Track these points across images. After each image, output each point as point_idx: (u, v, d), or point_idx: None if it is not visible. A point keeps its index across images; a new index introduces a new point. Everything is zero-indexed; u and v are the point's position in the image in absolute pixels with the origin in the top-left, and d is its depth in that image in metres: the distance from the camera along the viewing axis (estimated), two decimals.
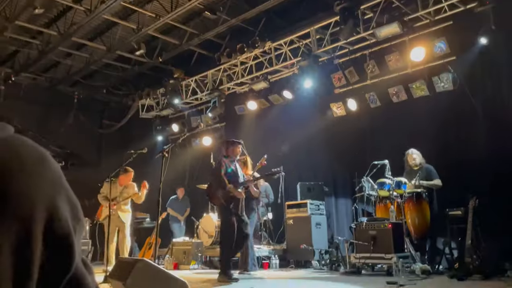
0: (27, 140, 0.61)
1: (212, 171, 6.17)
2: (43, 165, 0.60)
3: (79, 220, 0.64)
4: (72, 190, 0.67)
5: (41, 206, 0.56)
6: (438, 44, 6.68)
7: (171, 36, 9.25)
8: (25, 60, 10.25)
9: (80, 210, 0.65)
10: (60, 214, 0.59)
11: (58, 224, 0.58)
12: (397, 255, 5.83)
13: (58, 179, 0.61)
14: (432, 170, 6.61)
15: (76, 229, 0.62)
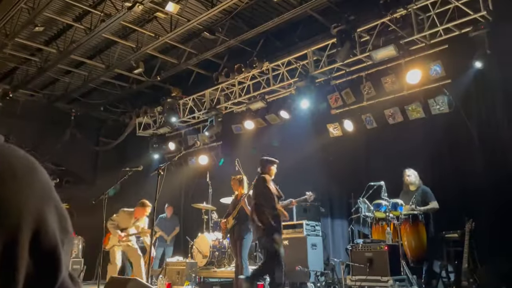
0: (17, 149, 0.61)
1: (259, 190, 5.74)
2: (32, 175, 0.59)
3: (67, 232, 0.63)
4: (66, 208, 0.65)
5: (29, 217, 0.55)
6: (433, 67, 6.76)
7: (170, 55, 9.34)
8: (23, 76, 10.30)
9: (69, 222, 0.64)
10: (48, 226, 0.58)
11: (45, 236, 0.57)
12: (393, 278, 5.77)
13: (48, 190, 0.61)
14: (428, 191, 6.59)
15: (64, 242, 0.61)
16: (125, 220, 7.31)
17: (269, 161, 6.04)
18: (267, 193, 5.70)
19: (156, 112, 10.52)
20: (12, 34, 8.04)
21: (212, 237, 8.22)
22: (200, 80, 10.16)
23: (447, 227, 6.13)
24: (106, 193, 5.38)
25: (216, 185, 9.07)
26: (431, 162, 7.10)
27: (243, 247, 6.34)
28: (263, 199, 5.72)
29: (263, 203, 5.70)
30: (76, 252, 10.35)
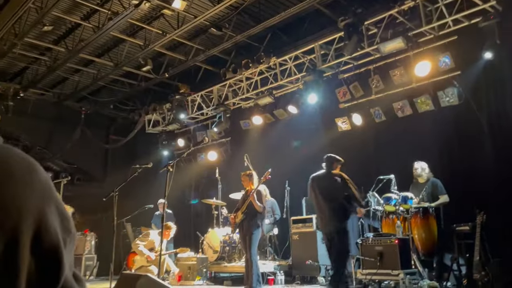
0: (16, 150, 0.61)
1: (340, 188, 5.65)
2: (32, 175, 0.60)
3: (70, 232, 0.63)
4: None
5: (29, 217, 0.56)
6: (442, 59, 6.69)
7: (177, 52, 9.36)
8: (33, 76, 10.40)
9: (71, 221, 0.65)
10: (49, 226, 0.58)
11: (46, 236, 0.58)
12: (404, 271, 5.75)
13: (48, 190, 0.61)
14: (438, 184, 6.54)
15: (67, 241, 0.62)
16: (150, 241, 7.63)
17: (336, 159, 5.94)
18: (343, 189, 5.63)
19: (165, 109, 10.57)
20: (21, 34, 8.12)
21: (222, 232, 8.26)
22: (208, 76, 10.18)
23: (458, 220, 6.08)
24: (116, 190, 5.42)
25: (226, 180, 9.10)
26: (441, 155, 7.04)
27: (252, 242, 6.35)
28: (340, 195, 5.64)
29: (339, 200, 5.62)
30: (89, 248, 10.48)
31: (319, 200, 5.78)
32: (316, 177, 5.95)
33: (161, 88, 10.98)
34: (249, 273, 6.34)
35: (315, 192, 5.85)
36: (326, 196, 5.71)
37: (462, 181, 6.55)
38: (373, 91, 7.72)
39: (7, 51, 8.71)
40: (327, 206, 5.67)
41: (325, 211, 5.68)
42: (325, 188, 5.75)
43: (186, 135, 10.86)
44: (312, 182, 5.96)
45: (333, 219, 5.61)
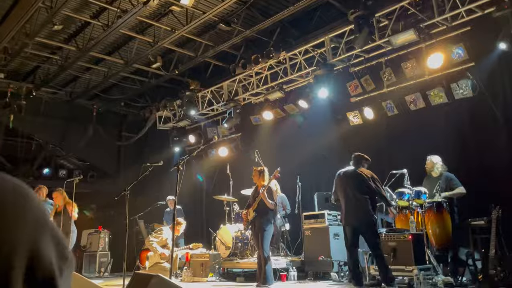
0: (7, 178, 0.59)
1: (369, 185, 5.70)
2: (24, 207, 0.57)
3: (66, 259, 0.61)
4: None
5: (22, 252, 0.54)
6: (456, 50, 6.55)
7: (187, 49, 9.35)
8: (45, 75, 10.50)
9: (67, 247, 0.63)
10: (43, 256, 0.56)
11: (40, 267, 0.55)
12: (418, 267, 5.68)
13: (42, 219, 0.59)
14: (452, 178, 6.44)
15: (63, 268, 0.60)
16: (164, 238, 7.75)
17: (365, 158, 5.99)
18: (373, 187, 5.68)
19: (175, 105, 10.60)
20: (32, 33, 8.18)
21: (234, 228, 8.26)
22: (217, 72, 10.15)
23: (473, 214, 5.98)
24: (127, 188, 5.45)
25: (237, 176, 9.10)
26: (456, 148, 6.92)
27: (264, 239, 6.34)
28: (369, 192, 5.69)
29: (370, 196, 5.67)
30: (102, 245, 10.59)
31: (348, 194, 5.75)
32: (345, 173, 5.95)
33: (171, 85, 11.00)
34: (261, 270, 6.34)
35: (344, 186, 5.83)
36: (356, 191, 5.71)
37: (477, 175, 6.43)
38: (384, 84, 7.61)
39: (19, 50, 8.80)
40: (356, 200, 5.68)
41: (354, 205, 5.68)
42: (356, 184, 5.76)
43: (197, 131, 10.88)
44: (341, 177, 5.94)
45: (363, 213, 5.63)
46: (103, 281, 8.17)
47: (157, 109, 10.71)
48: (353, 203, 5.70)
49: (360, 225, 5.66)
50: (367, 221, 5.62)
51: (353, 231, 5.71)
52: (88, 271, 10.12)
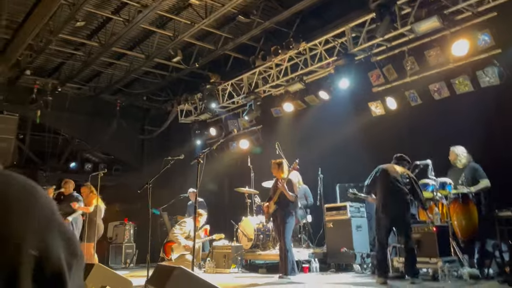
0: (15, 176, 0.60)
1: (408, 185, 5.89)
2: (31, 203, 0.58)
3: (76, 255, 0.62)
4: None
5: (29, 249, 0.55)
6: (481, 37, 6.35)
7: (207, 42, 9.37)
8: (69, 71, 10.72)
9: (77, 243, 0.64)
10: (51, 253, 0.57)
11: (48, 264, 0.56)
12: (443, 259, 5.59)
13: (50, 215, 0.60)
14: (478, 169, 6.28)
15: (72, 264, 0.61)
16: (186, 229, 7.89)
17: (407, 160, 6.16)
18: (410, 188, 5.83)
19: (196, 99, 10.66)
20: (55, 30, 8.35)
21: (256, 220, 8.30)
22: (237, 64, 10.15)
23: (500, 205, 5.82)
24: (150, 182, 5.53)
25: (258, 169, 9.11)
26: (482, 138, 6.72)
27: (286, 231, 6.35)
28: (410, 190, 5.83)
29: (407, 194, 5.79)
30: (128, 237, 10.83)
31: (391, 188, 5.80)
32: (388, 168, 6.00)
33: (192, 78, 11.06)
34: (283, 261, 6.36)
35: (387, 180, 5.86)
36: (400, 187, 5.77)
37: (504, 165, 6.25)
38: (407, 74, 7.44)
39: (43, 47, 9.00)
40: (398, 194, 5.74)
41: (396, 198, 5.74)
42: (397, 181, 5.82)
43: (218, 124, 10.93)
44: (384, 171, 5.97)
45: (403, 207, 5.71)
46: (129, 272, 8.35)
47: (178, 102, 10.80)
48: (395, 196, 5.75)
49: (397, 218, 5.68)
50: (405, 214, 5.67)
51: (389, 223, 5.73)
52: (115, 263, 10.37)
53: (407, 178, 5.88)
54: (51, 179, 11.15)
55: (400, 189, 5.75)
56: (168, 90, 12.19)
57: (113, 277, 4.48)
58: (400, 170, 5.95)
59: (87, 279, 4.15)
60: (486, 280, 5.37)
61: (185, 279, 3.50)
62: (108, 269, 4.65)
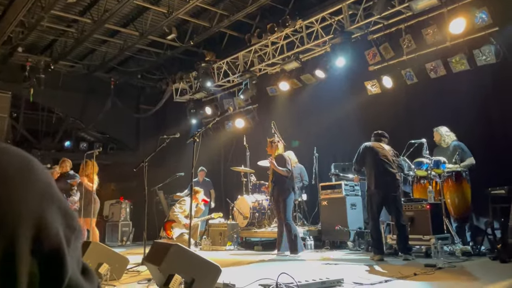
0: (11, 148, 0.58)
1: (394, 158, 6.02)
2: (29, 176, 0.57)
3: (74, 229, 0.62)
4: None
5: (27, 222, 0.54)
6: (479, 15, 6.29)
7: (202, 19, 9.23)
8: (62, 48, 10.55)
9: (75, 218, 0.63)
10: (50, 227, 0.56)
11: (47, 238, 0.56)
12: (435, 236, 5.68)
13: (48, 189, 0.59)
14: (463, 147, 6.35)
15: (71, 239, 0.60)
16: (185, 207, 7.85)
17: (385, 136, 6.20)
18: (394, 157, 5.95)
19: (191, 77, 10.57)
20: (47, 6, 8.18)
21: (251, 199, 8.36)
22: (233, 42, 10.03)
23: (495, 183, 5.89)
24: (146, 160, 5.53)
25: (253, 148, 9.12)
26: (478, 117, 6.75)
27: (286, 207, 6.38)
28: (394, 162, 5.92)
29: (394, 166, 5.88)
30: (124, 215, 10.88)
31: (379, 165, 5.85)
32: (372, 145, 6.06)
33: (187, 56, 10.94)
34: (281, 238, 6.44)
35: (374, 157, 5.92)
36: (387, 163, 5.84)
37: (500, 144, 6.30)
38: (404, 52, 7.40)
39: (35, 24, 8.83)
40: (387, 171, 5.80)
41: (385, 175, 5.79)
42: (386, 157, 5.90)
43: (213, 103, 10.87)
44: (369, 148, 6.03)
45: (393, 184, 5.78)
46: (126, 250, 8.43)
47: (173, 81, 10.71)
48: (384, 173, 5.80)
49: (388, 194, 5.75)
50: (395, 191, 5.75)
51: (381, 201, 5.80)
52: (111, 240, 10.45)
53: (395, 156, 5.98)
54: (46, 158, 11.12)
55: (388, 167, 5.81)
56: (163, 68, 12.06)
57: (110, 254, 4.52)
58: (387, 147, 6.03)
59: (84, 257, 4.18)
60: (478, 257, 5.47)
61: (181, 255, 3.54)
62: (104, 246, 4.69)
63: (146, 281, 4.21)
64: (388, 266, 5.05)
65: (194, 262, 3.51)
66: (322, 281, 3.79)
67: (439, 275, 4.32)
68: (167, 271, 3.32)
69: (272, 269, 4.80)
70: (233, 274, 4.46)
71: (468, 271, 4.55)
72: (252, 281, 3.93)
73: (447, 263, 4.90)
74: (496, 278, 3.98)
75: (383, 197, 5.79)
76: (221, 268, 3.61)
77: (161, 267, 3.39)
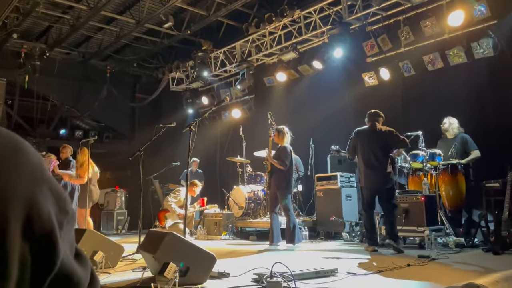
0: (0, 130, 0.57)
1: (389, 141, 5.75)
2: (18, 158, 0.55)
3: (67, 213, 0.60)
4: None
5: (18, 205, 0.53)
6: (478, 7, 6.27)
7: (199, 7, 9.14)
8: (57, 35, 10.44)
9: (68, 201, 0.62)
10: (41, 210, 0.55)
11: (38, 222, 0.55)
12: (429, 228, 5.71)
13: (39, 172, 0.57)
14: (468, 140, 6.37)
15: (64, 222, 0.59)
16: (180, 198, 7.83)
17: (380, 115, 5.92)
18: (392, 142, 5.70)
19: (188, 66, 10.50)
20: None
21: (247, 189, 8.37)
22: (230, 32, 9.96)
23: (489, 176, 5.93)
24: (141, 149, 5.50)
25: (250, 138, 9.11)
26: (474, 110, 6.76)
27: (284, 199, 6.35)
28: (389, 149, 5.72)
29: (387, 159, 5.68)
30: (119, 204, 10.87)
31: (367, 155, 5.73)
32: (363, 131, 5.89)
33: (184, 45, 10.86)
34: (272, 230, 6.43)
35: (363, 145, 5.79)
36: (376, 151, 5.70)
37: (495, 137, 6.33)
38: (402, 44, 7.38)
39: (30, 10, 8.72)
40: (376, 161, 5.67)
41: (374, 166, 5.67)
42: (375, 142, 5.73)
43: (210, 93, 10.83)
44: (358, 136, 5.89)
45: (383, 175, 5.63)
46: (121, 238, 8.43)
47: (170, 70, 10.63)
48: (372, 164, 5.70)
49: (378, 188, 5.69)
50: (386, 183, 5.66)
51: (372, 192, 5.75)
52: (106, 229, 10.46)
53: (387, 134, 5.70)
54: (41, 146, 11.07)
55: (379, 157, 5.66)
56: (160, 57, 11.97)
57: (105, 242, 4.53)
58: (378, 129, 5.77)
59: (79, 244, 4.18)
60: (471, 249, 5.52)
61: (176, 244, 3.55)
62: (99, 234, 4.69)
63: (141, 269, 4.21)
64: (381, 257, 5.08)
65: (189, 251, 3.52)
66: (316, 270, 3.81)
67: (432, 266, 4.35)
68: (162, 260, 3.33)
69: (267, 258, 4.82)
70: (228, 263, 4.48)
71: (461, 262, 4.59)
72: (246, 270, 3.94)
73: (440, 255, 4.94)
74: (488, 270, 4.02)
75: (373, 191, 5.74)
76: (216, 257, 3.63)
77: (156, 255, 3.40)
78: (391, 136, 5.72)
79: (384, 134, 5.74)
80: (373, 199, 5.81)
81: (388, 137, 5.74)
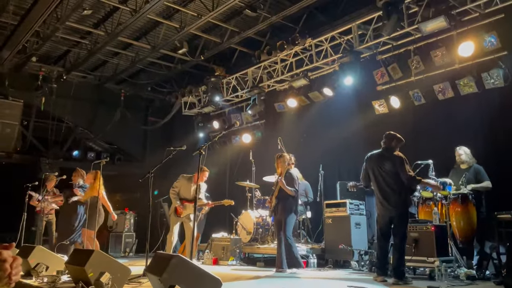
0: None
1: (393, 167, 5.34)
2: None
3: None
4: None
5: None
6: (488, 39, 6.33)
7: (213, 35, 9.38)
8: (75, 59, 10.75)
9: None
10: None
11: None
12: (440, 258, 5.60)
13: None
14: (481, 170, 6.30)
15: None
16: (184, 187, 7.32)
17: (398, 138, 5.54)
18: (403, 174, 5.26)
19: (200, 91, 10.68)
20: (62, 18, 8.37)
21: (255, 214, 8.34)
22: (243, 58, 10.16)
23: (502, 207, 5.84)
24: (151, 171, 5.56)
25: (259, 163, 9.13)
26: (484, 140, 6.73)
27: (287, 225, 6.36)
28: (399, 179, 5.31)
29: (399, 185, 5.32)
30: (128, 226, 10.89)
31: (380, 182, 5.46)
32: (373, 157, 5.59)
33: (197, 71, 11.09)
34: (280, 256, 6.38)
35: (374, 172, 5.52)
36: (386, 175, 5.42)
37: (506, 167, 6.26)
38: (412, 73, 7.44)
39: (50, 34, 9.03)
40: (390, 189, 5.38)
41: (389, 193, 5.39)
42: (385, 167, 5.43)
43: (221, 117, 10.95)
44: (370, 162, 5.60)
45: (398, 203, 5.34)
46: (128, 261, 8.41)
47: (183, 94, 10.82)
48: (384, 190, 5.42)
49: (393, 214, 5.39)
50: (401, 211, 5.37)
51: (388, 221, 5.46)
52: (114, 251, 10.45)
53: (398, 161, 5.32)
54: (54, 167, 11.22)
55: (392, 184, 5.35)
56: (173, 82, 12.21)
57: (112, 264, 4.53)
58: (392, 154, 5.43)
59: (86, 265, 4.19)
60: (483, 281, 5.39)
61: (182, 267, 3.54)
62: (107, 255, 4.70)
63: None
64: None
65: (195, 274, 3.51)
66: None
67: None
68: (168, 282, 3.32)
69: (272, 285, 4.77)
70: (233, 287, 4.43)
71: None
72: None
73: (450, 286, 4.84)
74: None
75: (389, 217, 5.45)
76: (222, 282, 3.61)
77: (162, 277, 3.40)
78: (401, 166, 5.37)
79: (396, 159, 5.43)
80: (388, 227, 5.50)
81: (397, 164, 5.40)
